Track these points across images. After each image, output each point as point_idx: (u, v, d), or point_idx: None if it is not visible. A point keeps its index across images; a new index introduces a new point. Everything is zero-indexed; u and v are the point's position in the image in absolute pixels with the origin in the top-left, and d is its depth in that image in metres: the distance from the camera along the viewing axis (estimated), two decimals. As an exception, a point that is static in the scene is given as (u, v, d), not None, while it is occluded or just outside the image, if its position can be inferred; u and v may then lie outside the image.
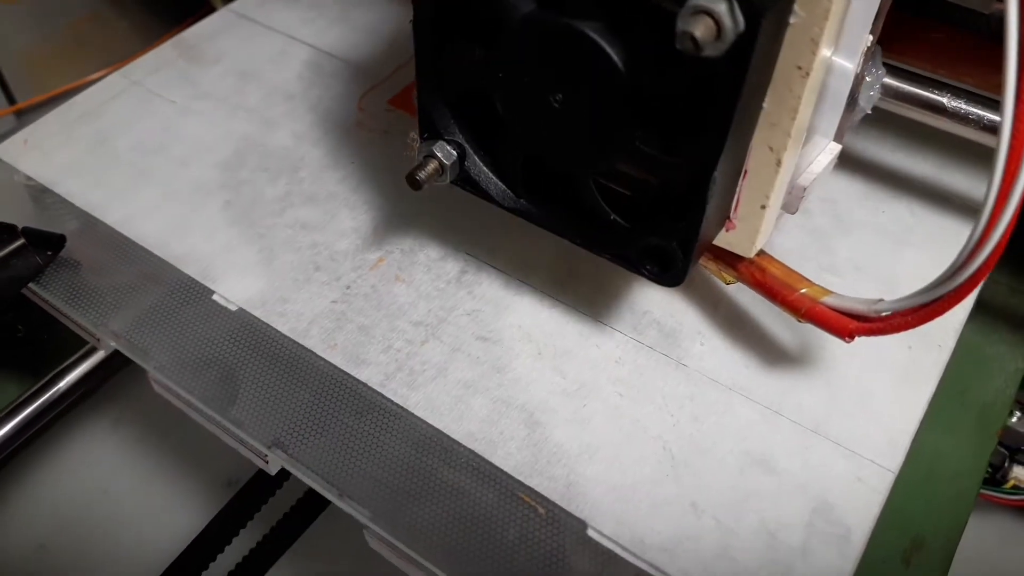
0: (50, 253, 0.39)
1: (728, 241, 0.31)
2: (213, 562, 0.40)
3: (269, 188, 0.42)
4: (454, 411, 0.33)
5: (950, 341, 0.36)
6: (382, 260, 0.39)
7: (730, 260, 0.33)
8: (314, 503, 0.40)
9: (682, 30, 0.22)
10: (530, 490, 0.31)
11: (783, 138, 0.27)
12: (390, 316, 0.37)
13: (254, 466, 0.45)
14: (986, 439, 0.39)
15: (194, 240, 0.39)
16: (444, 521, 0.31)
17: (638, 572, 0.30)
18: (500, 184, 0.32)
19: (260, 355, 0.35)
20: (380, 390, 0.34)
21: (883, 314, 0.29)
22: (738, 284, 0.34)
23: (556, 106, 0.28)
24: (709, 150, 0.25)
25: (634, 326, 0.36)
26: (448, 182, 0.32)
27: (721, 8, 0.21)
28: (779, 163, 0.28)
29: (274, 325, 0.36)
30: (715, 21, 0.22)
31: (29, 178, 0.42)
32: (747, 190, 0.29)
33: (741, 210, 0.30)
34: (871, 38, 0.30)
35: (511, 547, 0.30)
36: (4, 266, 0.38)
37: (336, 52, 0.49)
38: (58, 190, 0.42)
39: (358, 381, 0.34)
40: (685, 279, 0.29)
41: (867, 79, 0.32)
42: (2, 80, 0.61)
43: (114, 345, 0.37)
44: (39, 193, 0.42)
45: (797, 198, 0.31)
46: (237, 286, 0.38)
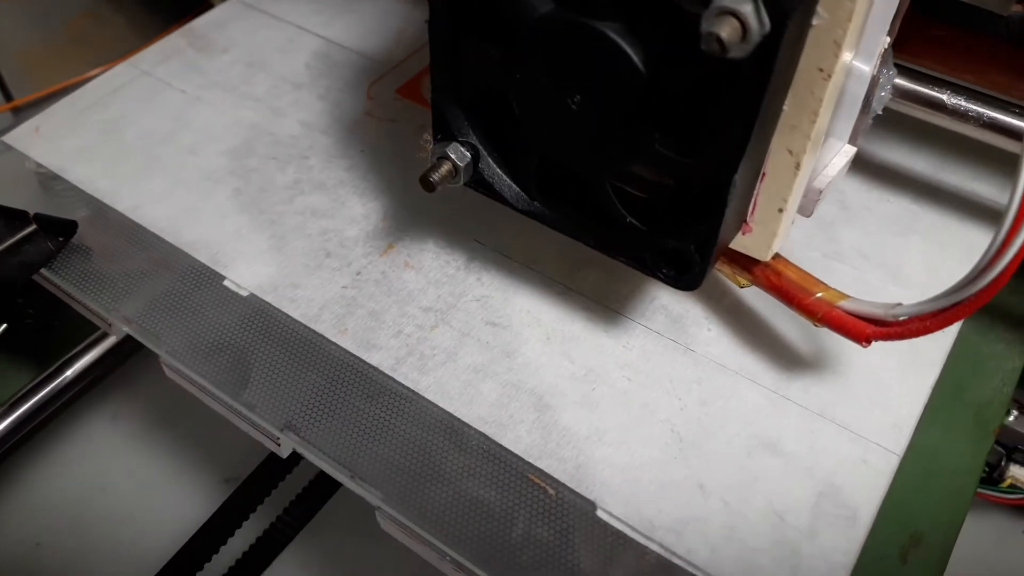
0: (62, 239, 0.39)
1: (744, 244, 0.31)
2: (224, 545, 0.40)
3: (278, 176, 0.42)
4: (464, 395, 0.34)
5: (951, 331, 0.36)
6: (392, 247, 0.39)
7: (745, 263, 0.32)
8: (324, 487, 0.40)
9: (707, 31, 0.21)
10: (540, 471, 0.32)
11: (803, 141, 0.27)
12: (400, 302, 0.37)
13: (253, 463, 0.45)
14: (983, 438, 0.38)
15: (204, 227, 0.40)
16: (455, 502, 0.31)
17: (647, 552, 0.30)
18: (514, 186, 0.32)
19: (271, 340, 0.36)
20: (391, 374, 0.34)
21: (901, 318, 0.29)
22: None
23: (573, 108, 0.27)
24: (730, 152, 0.25)
25: (642, 312, 0.37)
26: (462, 184, 0.32)
27: (747, 9, 0.21)
28: (798, 166, 0.27)
29: (285, 310, 0.36)
30: (741, 22, 0.21)
31: (40, 165, 0.43)
32: (765, 193, 0.29)
33: (758, 213, 0.29)
34: (888, 40, 0.29)
35: (522, 527, 0.31)
36: (16, 252, 0.38)
37: (344, 42, 0.49)
38: (68, 177, 0.42)
39: (369, 365, 0.35)
40: (702, 283, 0.29)
41: (880, 80, 0.31)
42: (-1, 77, 0.62)
43: (126, 330, 0.37)
44: (50, 180, 0.42)
45: (813, 201, 0.30)
46: (248, 272, 0.38)
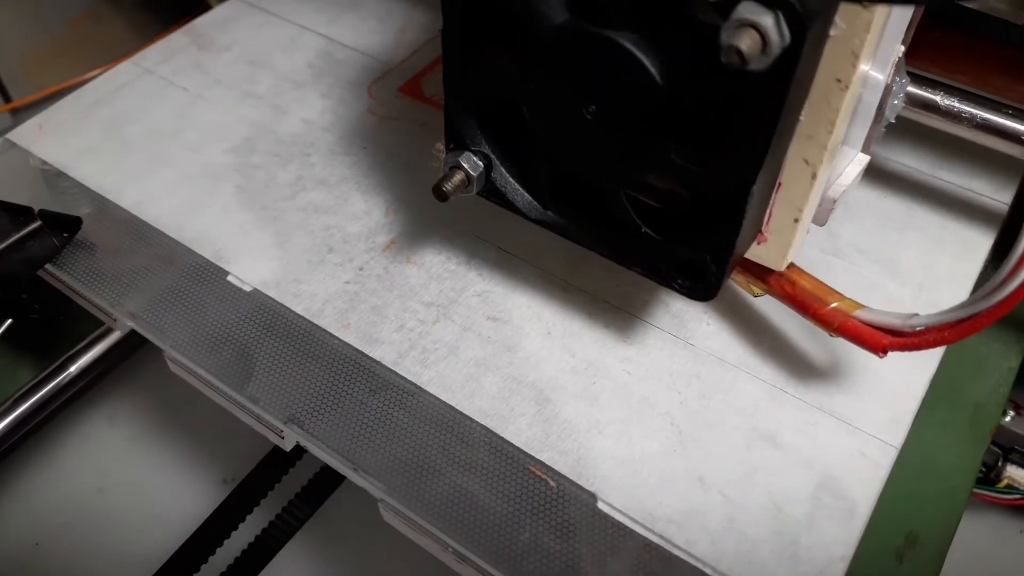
0: (66, 235, 0.39)
1: (758, 254, 0.31)
2: (228, 539, 0.40)
3: (281, 172, 0.42)
4: (466, 388, 0.34)
5: None
6: (393, 242, 0.39)
7: (759, 272, 0.32)
8: (326, 482, 0.40)
9: (727, 44, 0.21)
10: (541, 464, 0.32)
11: (819, 151, 0.27)
12: (402, 297, 0.37)
13: (251, 463, 0.46)
14: (980, 438, 0.39)
15: (208, 223, 0.40)
16: (457, 494, 0.31)
17: (647, 544, 0.30)
18: (527, 195, 0.32)
19: (275, 334, 0.36)
20: (393, 368, 0.35)
21: (918, 328, 0.28)
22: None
23: (588, 118, 0.27)
24: (748, 163, 0.25)
25: (642, 307, 0.37)
26: (474, 193, 0.32)
27: (768, 22, 0.21)
28: (814, 176, 0.27)
29: (288, 305, 0.37)
30: (761, 35, 0.21)
31: (44, 162, 0.43)
32: (780, 203, 0.29)
33: (773, 223, 0.29)
34: (902, 48, 0.29)
35: (523, 519, 0.31)
36: (21, 248, 0.38)
37: (346, 41, 0.50)
38: (73, 174, 0.42)
39: (372, 359, 0.35)
40: (717, 294, 0.29)
41: (893, 88, 0.31)
42: (-2, 78, 0.62)
43: (131, 325, 0.37)
44: (54, 177, 0.43)
45: (827, 211, 0.30)
46: (251, 268, 0.38)
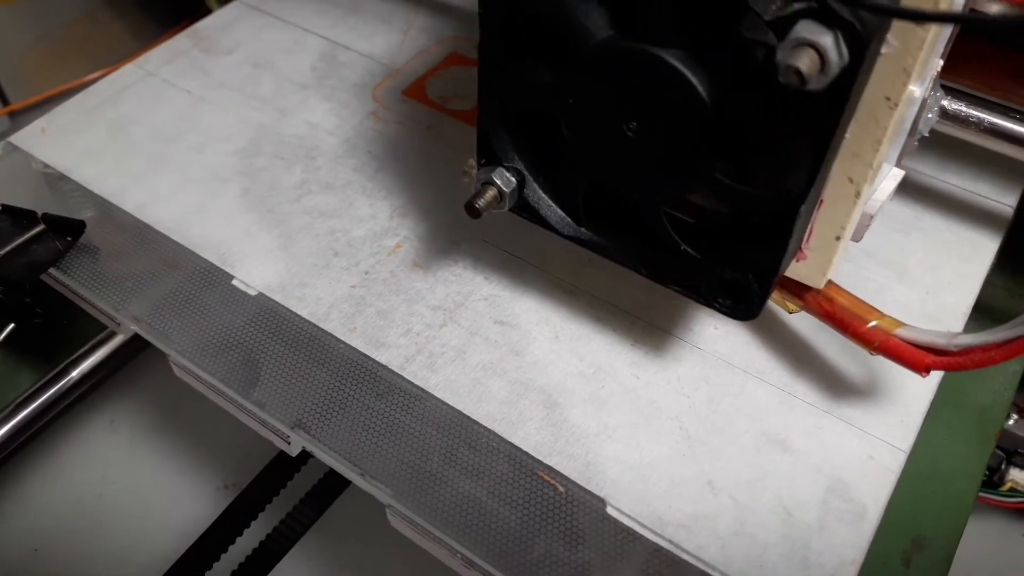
0: (70, 239, 0.39)
1: (797, 271, 0.30)
2: (232, 544, 0.40)
3: (286, 176, 0.42)
4: (473, 393, 0.34)
5: (957, 327, 0.37)
6: (399, 246, 0.39)
7: (796, 289, 0.32)
8: (331, 486, 0.40)
9: (786, 64, 0.21)
10: (550, 469, 0.32)
11: (864, 169, 0.26)
12: (408, 301, 0.37)
13: (253, 470, 0.45)
14: (985, 441, 0.39)
15: (212, 226, 0.40)
16: (465, 499, 0.31)
17: (656, 549, 0.30)
18: (560, 211, 0.31)
19: (280, 339, 0.36)
20: (400, 372, 0.34)
21: (963, 348, 0.28)
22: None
23: (629, 135, 0.27)
24: (799, 183, 0.25)
25: (649, 309, 0.37)
26: (507, 209, 0.31)
27: (827, 41, 0.21)
28: (858, 194, 0.27)
29: (294, 309, 0.37)
30: (820, 54, 0.21)
31: (47, 165, 0.43)
32: (822, 221, 0.28)
33: (814, 241, 0.29)
34: (940, 63, 0.29)
35: (532, 524, 0.31)
36: (25, 251, 0.38)
37: (349, 44, 0.50)
38: (75, 177, 0.42)
39: (378, 364, 0.35)
40: (759, 314, 0.28)
41: (928, 102, 0.31)
42: (-3, 81, 0.61)
43: (135, 329, 0.37)
44: (57, 180, 0.42)
45: (864, 226, 0.30)
46: (256, 271, 0.38)
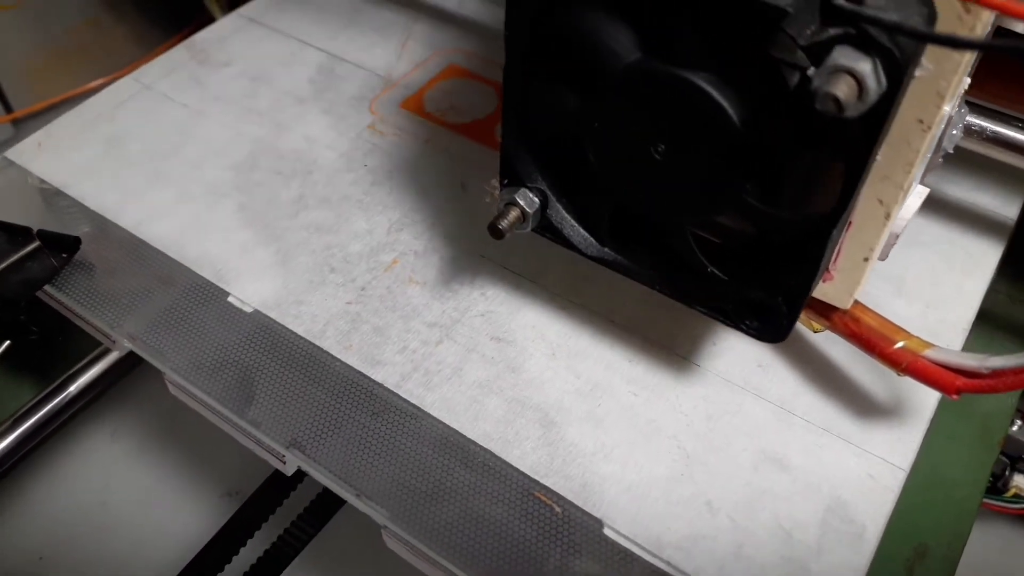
0: (65, 255, 0.39)
1: (824, 292, 0.30)
2: (228, 564, 0.40)
3: (283, 190, 0.42)
4: (470, 411, 0.34)
5: (957, 342, 0.36)
6: (396, 262, 0.39)
7: (821, 309, 0.31)
8: (328, 504, 0.40)
9: (823, 91, 0.21)
10: (546, 489, 0.32)
11: (895, 192, 0.26)
12: (405, 317, 0.37)
13: (255, 478, 0.45)
14: (988, 448, 0.39)
15: (208, 242, 0.40)
16: (462, 521, 0.31)
17: (655, 570, 0.30)
18: (583, 232, 0.31)
19: (276, 356, 0.36)
20: (396, 390, 0.34)
21: (994, 370, 0.27)
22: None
23: (657, 157, 0.26)
24: (829, 206, 0.24)
25: (647, 325, 0.37)
26: (529, 230, 0.31)
27: (866, 68, 0.20)
28: (888, 216, 0.27)
29: (289, 326, 0.36)
30: (858, 81, 0.20)
31: (43, 181, 0.43)
32: (850, 242, 0.28)
33: (841, 261, 0.29)
34: (968, 81, 0.29)
35: (528, 546, 0.30)
36: (19, 268, 0.38)
37: (347, 56, 0.49)
38: (71, 193, 0.42)
39: (374, 382, 0.35)
40: (788, 336, 0.28)
41: (953, 119, 0.31)
42: (-1, 88, 0.62)
43: (130, 347, 0.37)
44: (53, 196, 0.42)
45: (890, 246, 0.29)
46: (252, 288, 0.38)
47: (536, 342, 0.36)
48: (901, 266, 0.39)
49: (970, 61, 0.25)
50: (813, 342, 0.36)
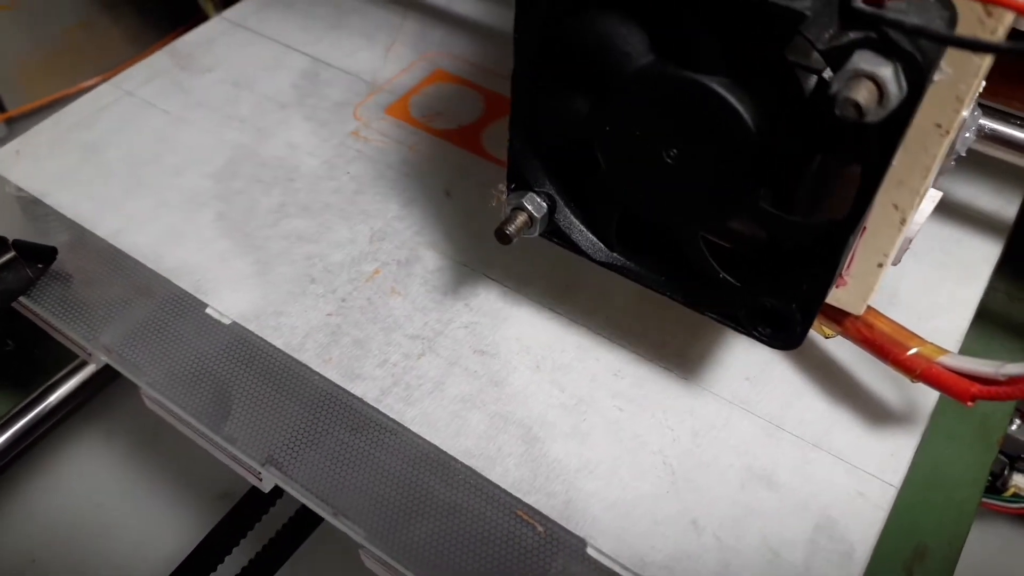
0: (41, 266, 0.38)
1: (837, 298, 0.30)
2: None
3: (263, 198, 0.41)
4: (451, 426, 0.33)
5: (954, 338, 0.36)
6: (378, 272, 0.38)
7: (832, 314, 0.31)
8: (308, 520, 0.39)
9: (844, 96, 0.20)
10: (528, 507, 0.31)
11: (911, 197, 0.26)
12: (386, 329, 0.36)
13: (248, 480, 0.45)
14: (987, 448, 0.38)
15: (187, 252, 0.39)
16: (441, 540, 0.30)
17: (638, 591, 0.29)
18: (592, 237, 0.31)
19: (254, 370, 0.35)
20: (376, 405, 0.33)
21: (1011, 377, 0.27)
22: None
23: (669, 162, 0.26)
24: (843, 212, 0.24)
25: (633, 338, 0.36)
26: (537, 235, 0.31)
27: (887, 73, 0.20)
28: (903, 222, 0.26)
29: (268, 339, 0.36)
30: (878, 86, 0.20)
31: (20, 189, 0.42)
32: (864, 247, 0.28)
33: (855, 267, 0.28)
34: (983, 84, 0.28)
35: (510, 566, 0.30)
36: (-6, 280, 0.37)
37: (331, 60, 0.49)
38: (49, 201, 0.41)
39: (353, 396, 0.34)
40: (802, 343, 0.28)
41: (966, 122, 0.30)
42: (-7, 87, 0.61)
43: (105, 360, 0.36)
44: (30, 204, 0.42)
45: (903, 250, 0.29)
46: (230, 299, 0.37)
47: (520, 355, 0.35)
48: (893, 276, 0.38)
49: (989, 64, 0.25)
50: (803, 354, 0.35)
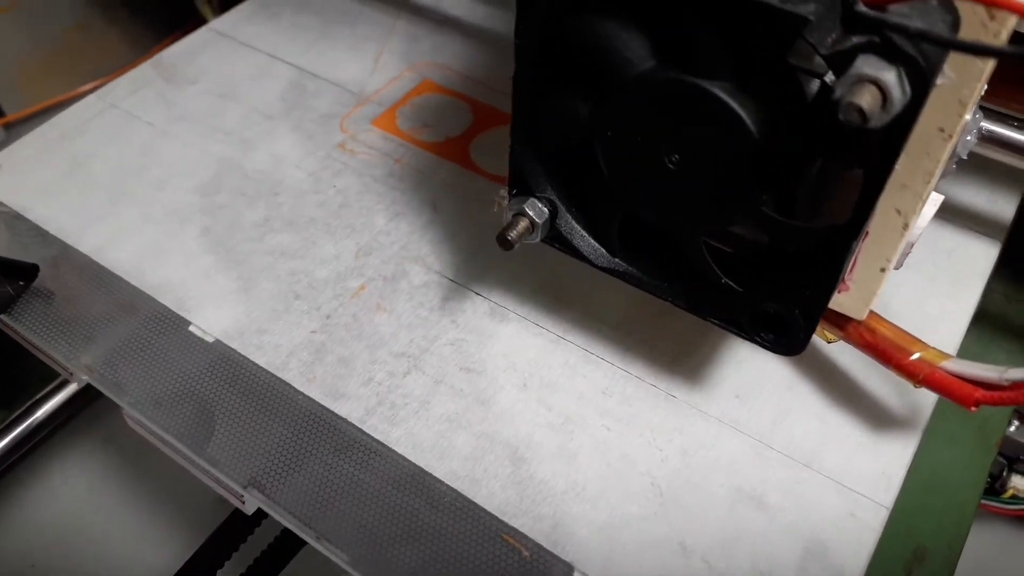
0: (22, 283, 0.38)
1: (839, 302, 0.29)
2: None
3: (248, 213, 0.41)
4: (436, 447, 0.32)
5: (952, 341, 0.35)
6: (363, 288, 0.38)
7: (834, 319, 0.31)
8: (292, 542, 0.39)
9: (848, 101, 0.20)
10: (514, 531, 0.30)
11: (913, 201, 0.26)
12: (371, 347, 0.36)
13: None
14: (986, 449, 0.38)
15: (170, 268, 0.38)
16: (426, 565, 0.30)
17: (626, 616, 0.29)
18: (593, 242, 0.31)
19: (237, 389, 0.34)
20: (360, 426, 0.33)
21: (1014, 382, 0.27)
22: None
23: (671, 167, 0.26)
24: (851, 218, 0.24)
25: (622, 355, 0.35)
26: (539, 240, 0.31)
27: (890, 78, 0.20)
28: (906, 226, 0.26)
29: (251, 358, 0.35)
30: (882, 91, 0.20)
31: (2, 204, 0.41)
32: (866, 252, 0.27)
33: (857, 272, 0.28)
34: (984, 87, 0.28)
35: (495, 591, 0.29)
36: (-26, 298, 0.37)
37: (318, 71, 0.48)
38: (31, 216, 0.41)
39: (337, 416, 0.33)
40: (805, 349, 0.27)
41: (968, 125, 0.30)
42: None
43: (86, 379, 0.35)
44: (12, 220, 0.41)
45: (905, 255, 0.29)
46: (214, 316, 0.37)
47: (507, 372, 0.35)
48: (885, 289, 0.38)
49: (992, 68, 0.25)
50: (795, 374, 0.35)
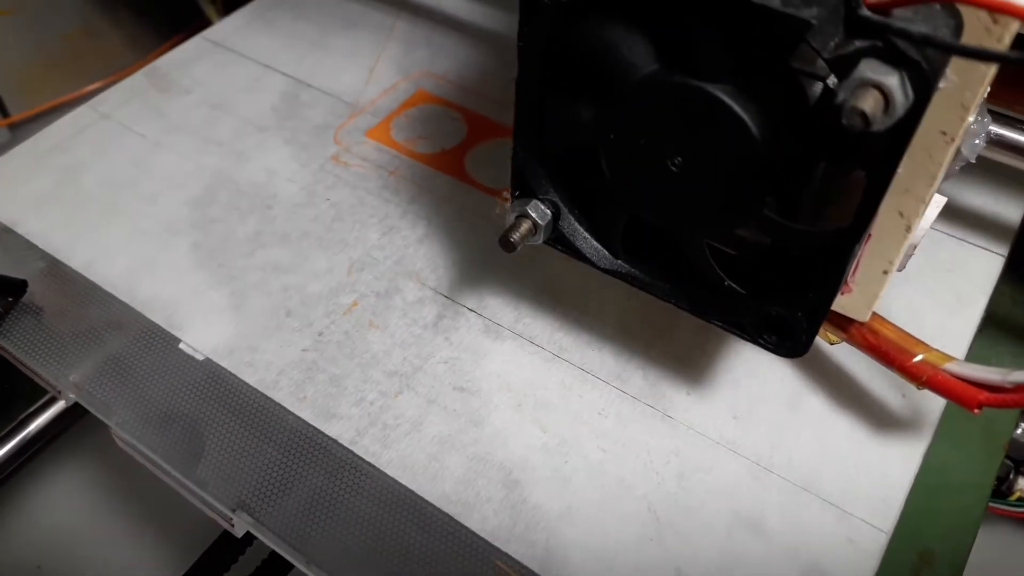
0: (10, 299, 0.37)
1: (842, 304, 0.29)
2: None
3: (240, 227, 0.40)
4: (428, 470, 0.32)
5: (960, 346, 0.35)
6: (356, 304, 0.37)
7: (839, 321, 0.30)
8: (283, 563, 0.38)
9: (850, 105, 0.20)
10: (507, 557, 0.30)
11: (916, 204, 0.26)
12: (363, 365, 0.35)
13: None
14: (993, 452, 0.38)
15: (161, 284, 0.38)
16: (416, 591, 0.29)
17: (620, 644, 0.28)
18: (596, 244, 0.30)
19: (227, 409, 0.34)
20: (351, 447, 0.32)
21: (1018, 384, 0.27)
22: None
23: (674, 170, 0.26)
24: (854, 220, 0.24)
25: (618, 374, 0.35)
26: (541, 242, 0.30)
27: (893, 82, 0.20)
28: (908, 229, 0.26)
29: (242, 376, 0.35)
30: (884, 95, 0.20)
31: (-9, 218, 0.41)
32: (869, 255, 0.27)
33: (860, 274, 0.28)
34: (988, 89, 0.28)
35: (486, 619, 0.29)
36: (-39, 314, 0.36)
37: (312, 81, 0.48)
38: (21, 231, 0.40)
39: (328, 437, 0.33)
40: (808, 351, 0.27)
41: (973, 127, 0.30)
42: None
43: (74, 398, 0.35)
44: (1, 234, 0.41)
45: (908, 257, 0.29)
46: (204, 333, 0.36)
47: (501, 392, 0.34)
48: (883, 303, 0.37)
49: (995, 72, 0.25)
50: (791, 392, 0.34)
